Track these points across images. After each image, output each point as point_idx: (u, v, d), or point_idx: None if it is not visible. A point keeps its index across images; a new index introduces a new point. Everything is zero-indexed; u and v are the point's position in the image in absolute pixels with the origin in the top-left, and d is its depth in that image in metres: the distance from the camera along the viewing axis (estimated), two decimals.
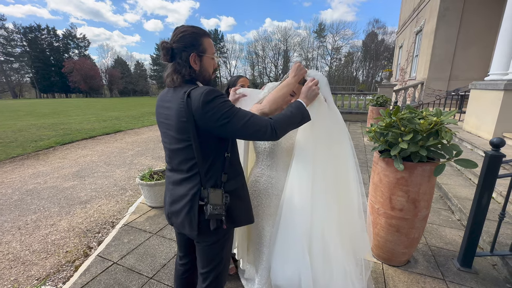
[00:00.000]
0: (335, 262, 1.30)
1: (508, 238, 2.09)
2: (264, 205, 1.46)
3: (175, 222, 1.14)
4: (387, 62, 29.63)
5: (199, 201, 1.03)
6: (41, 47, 53.49)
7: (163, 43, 1.02)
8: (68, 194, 3.63)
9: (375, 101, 7.33)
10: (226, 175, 1.07)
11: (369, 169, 4.36)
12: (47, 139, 7.26)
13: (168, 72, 1.06)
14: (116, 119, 12.24)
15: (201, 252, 1.14)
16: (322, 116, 1.29)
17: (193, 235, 1.06)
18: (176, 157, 1.08)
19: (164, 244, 2.34)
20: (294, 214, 1.31)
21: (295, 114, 1.10)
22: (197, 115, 0.95)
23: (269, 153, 1.45)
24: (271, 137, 1.02)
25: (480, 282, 1.83)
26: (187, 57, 1.03)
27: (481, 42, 8.88)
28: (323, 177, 1.32)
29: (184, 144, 1.01)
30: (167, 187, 1.18)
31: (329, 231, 1.31)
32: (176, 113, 0.99)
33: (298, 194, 1.31)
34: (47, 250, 2.35)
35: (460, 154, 1.59)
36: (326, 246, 1.30)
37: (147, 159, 5.41)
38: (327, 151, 1.34)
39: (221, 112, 0.94)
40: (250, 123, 0.98)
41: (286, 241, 1.31)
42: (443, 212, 2.85)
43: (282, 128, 1.04)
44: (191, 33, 1.03)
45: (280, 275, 1.31)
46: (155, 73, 65.34)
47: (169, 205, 1.14)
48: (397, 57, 17.05)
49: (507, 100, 4.01)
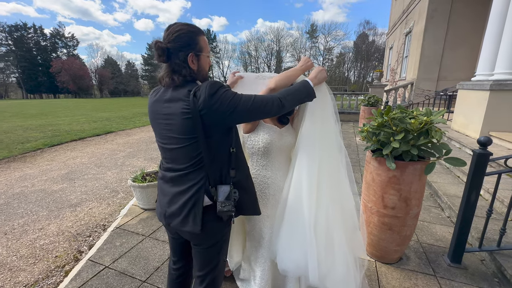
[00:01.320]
0: (337, 248, 1.33)
1: (495, 233, 2.15)
2: (261, 206, 1.45)
3: (173, 222, 1.07)
4: (378, 62, 30.15)
5: (204, 196, 1.02)
6: (27, 46, 52.01)
7: (158, 43, 0.98)
8: (57, 197, 3.54)
9: (366, 101, 7.43)
10: (234, 170, 1.07)
11: (361, 168, 4.42)
12: (35, 140, 7.05)
13: (166, 71, 1.02)
14: (107, 120, 12.01)
15: (198, 255, 1.12)
16: (323, 105, 1.35)
17: (196, 231, 1.01)
18: (176, 156, 1.04)
19: (158, 247, 2.30)
20: (300, 199, 1.33)
21: (301, 89, 1.15)
22: (204, 110, 0.93)
23: (263, 153, 1.45)
24: (278, 109, 1.05)
25: (470, 277, 1.88)
26: (185, 57, 1.00)
27: (467, 44, 9.14)
28: (328, 167, 1.37)
29: (188, 142, 0.99)
30: (162, 187, 1.13)
31: (333, 218, 1.35)
32: (180, 112, 0.96)
33: (306, 181, 1.33)
34: (36, 255, 2.28)
35: (450, 153, 1.63)
36: (329, 232, 1.33)
37: (139, 161, 5.33)
38: (327, 142, 1.39)
39: (227, 100, 0.95)
40: (257, 101, 1.00)
41: (292, 225, 1.33)
42: (433, 210, 2.92)
43: (287, 99, 1.08)
44: (187, 32, 1.00)
45: (287, 259, 1.33)
46: (146, 73, 64.46)
47: (166, 205, 1.09)
48: (387, 58, 17.37)
49: (492, 100, 4.13)
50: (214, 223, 1.06)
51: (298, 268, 1.31)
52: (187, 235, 1.11)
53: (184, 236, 1.14)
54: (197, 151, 0.99)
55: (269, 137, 1.41)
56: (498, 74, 4.10)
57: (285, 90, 1.12)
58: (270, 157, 1.45)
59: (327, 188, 1.36)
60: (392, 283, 1.84)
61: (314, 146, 1.35)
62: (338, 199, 1.40)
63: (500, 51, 4.09)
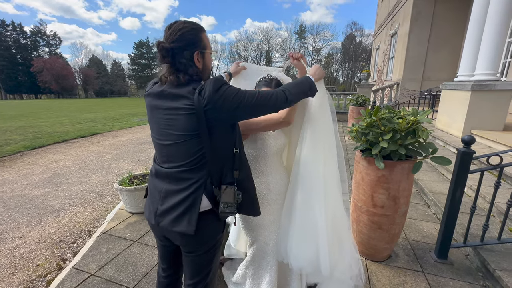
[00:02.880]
0: (342, 240, 1.42)
1: (479, 229, 2.23)
2: (264, 213, 1.41)
3: (164, 221, 1.01)
4: (365, 63, 30.84)
5: (202, 196, 0.99)
6: (6, 44, 49.73)
7: (161, 44, 0.94)
8: (38, 202, 3.38)
9: (355, 101, 7.57)
10: (238, 171, 1.05)
11: (351, 167, 4.49)
12: (14, 143, 6.73)
13: (170, 70, 0.98)
14: (92, 121, 11.63)
15: (190, 263, 1.08)
16: (323, 104, 1.36)
17: (190, 232, 0.96)
18: (175, 152, 1.00)
19: (146, 252, 2.24)
20: (309, 198, 1.36)
21: (304, 81, 1.15)
22: (209, 105, 0.91)
23: (262, 158, 1.42)
24: (283, 103, 1.05)
25: (455, 272, 1.93)
26: (190, 55, 0.98)
27: (450, 45, 9.51)
28: (331, 165, 1.42)
29: (189, 139, 0.96)
30: (156, 184, 1.07)
31: (340, 214, 1.42)
32: (183, 108, 0.94)
33: (314, 180, 1.36)
34: (15, 264, 2.17)
35: (436, 152, 1.67)
36: (335, 226, 1.40)
37: (126, 163, 5.18)
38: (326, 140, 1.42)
39: (232, 96, 0.94)
40: (261, 96, 1.00)
41: (304, 224, 1.37)
42: (420, 207, 3.00)
43: (291, 92, 1.07)
44: (190, 30, 0.97)
45: (301, 257, 1.37)
46: (133, 73, 63.08)
47: (159, 202, 1.03)
48: (374, 58, 17.79)
49: (474, 100, 4.30)
50: (209, 228, 1.03)
51: (311, 263, 1.36)
52: (178, 239, 1.05)
53: (175, 241, 1.08)
54: (197, 147, 0.96)
55: (266, 142, 1.39)
56: (479, 74, 4.27)
57: (287, 84, 1.12)
58: (269, 161, 1.43)
59: (332, 186, 1.41)
60: (382, 281, 1.86)
61: (318, 145, 1.36)
62: (339, 195, 1.47)
63: (480, 53, 4.26)
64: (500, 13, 3.92)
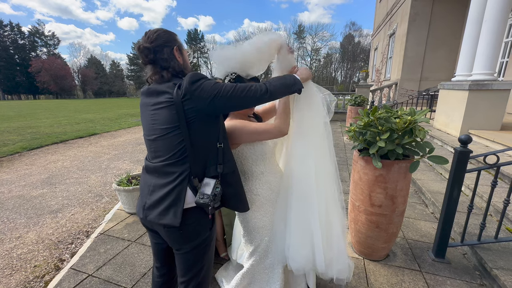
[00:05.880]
0: (335, 238, 1.42)
1: (476, 228, 2.24)
2: (267, 214, 1.43)
3: (152, 215, 1.03)
4: (364, 63, 30.92)
5: (187, 188, 1.01)
6: (3, 45, 49.48)
7: (142, 45, 1.03)
8: (36, 203, 3.36)
9: (353, 101, 7.59)
10: (222, 166, 1.07)
11: (349, 167, 4.50)
12: (12, 144, 6.70)
13: (154, 71, 1.06)
14: (91, 121, 11.60)
15: (181, 260, 1.09)
16: (310, 104, 1.36)
17: (175, 224, 0.98)
18: (160, 147, 1.03)
19: (144, 252, 2.23)
20: (305, 198, 1.37)
21: (287, 77, 1.15)
22: (186, 96, 0.96)
23: (262, 161, 1.39)
24: (262, 94, 1.04)
25: (453, 271, 1.94)
26: (170, 51, 1.06)
27: (447, 46, 9.54)
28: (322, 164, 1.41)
29: (170, 131, 1.00)
30: (145, 178, 1.11)
31: (332, 211, 1.43)
32: (164, 102, 1.00)
33: (305, 182, 1.37)
34: (12, 265, 2.16)
35: (433, 151, 1.67)
36: (329, 224, 1.41)
37: (125, 163, 5.17)
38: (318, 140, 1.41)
39: (209, 86, 0.97)
40: (240, 87, 1.01)
41: (302, 224, 1.37)
42: (418, 206, 3.01)
43: (272, 85, 1.08)
44: (164, 31, 1.08)
45: (299, 256, 1.38)
46: (132, 73, 62.89)
47: (147, 196, 1.05)
48: (372, 58, 17.82)
49: (471, 99, 4.32)
50: (195, 224, 1.05)
51: (308, 262, 1.38)
52: (165, 234, 1.06)
53: (164, 237, 1.09)
54: (178, 140, 1.00)
55: (266, 142, 1.37)
56: (476, 74, 4.29)
57: (272, 79, 1.14)
58: (268, 162, 1.42)
59: (324, 184, 1.41)
60: (380, 280, 1.87)
61: (309, 145, 1.36)
62: (332, 192, 1.46)
63: (477, 53, 4.28)
64: (497, 13, 3.94)
